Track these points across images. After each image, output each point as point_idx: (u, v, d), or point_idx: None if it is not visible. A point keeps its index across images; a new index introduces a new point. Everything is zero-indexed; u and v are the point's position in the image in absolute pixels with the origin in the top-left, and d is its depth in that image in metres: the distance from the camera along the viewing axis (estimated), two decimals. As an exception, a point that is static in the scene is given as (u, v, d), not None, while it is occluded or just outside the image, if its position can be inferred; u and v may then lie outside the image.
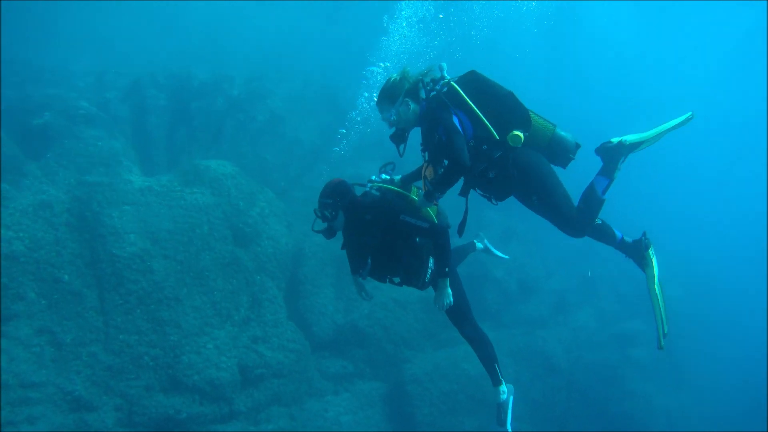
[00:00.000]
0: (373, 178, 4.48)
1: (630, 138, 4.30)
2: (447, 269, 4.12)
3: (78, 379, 7.71)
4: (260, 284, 10.02)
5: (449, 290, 4.16)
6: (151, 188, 9.93)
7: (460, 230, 4.22)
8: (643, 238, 4.42)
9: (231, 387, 8.85)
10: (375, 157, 15.71)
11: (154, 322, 8.50)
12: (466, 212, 4.16)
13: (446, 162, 3.94)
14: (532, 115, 4.11)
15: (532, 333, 13.35)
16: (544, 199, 4.14)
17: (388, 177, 4.48)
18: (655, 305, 4.30)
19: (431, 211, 4.26)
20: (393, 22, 11.62)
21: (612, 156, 4.30)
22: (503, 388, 4.50)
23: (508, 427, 4.48)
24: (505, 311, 13.62)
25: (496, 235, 14.98)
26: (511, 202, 4.38)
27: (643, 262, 4.41)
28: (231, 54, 20.23)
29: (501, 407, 4.52)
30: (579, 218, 4.16)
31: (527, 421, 11.88)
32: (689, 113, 4.39)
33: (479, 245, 5.74)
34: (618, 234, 4.47)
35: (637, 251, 4.42)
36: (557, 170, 4.31)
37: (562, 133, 4.21)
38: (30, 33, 18.33)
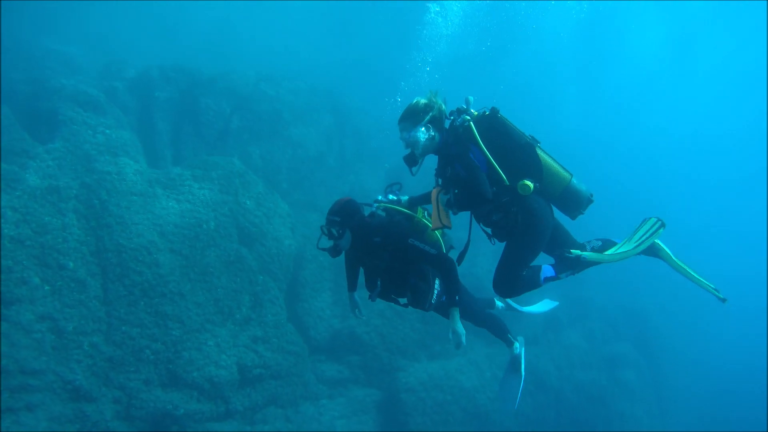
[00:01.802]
0: (380, 198, 4.45)
1: (589, 257, 4.22)
2: (457, 297, 4.09)
3: (78, 368, 7.58)
4: (263, 284, 9.98)
5: (460, 323, 4.09)
6: (160, 180, 9.90)
7: (459, 260, 4.20)
8: None
9: (229, 386, 8.79)
10: (374, 166, 15.80)
11: (157, 315, 8.42)
12: (467, 243, 4.15)
13: (456, 191, 3.96)
14: (550, 161, 4.07)
15: (524, 349, 13.43)
16: (518, 251, 4.13)
17: (395, 198, 4.45)
18: (688, 275, 4.40)
19: (437, 234, 4.27)
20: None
21: (565, 265, 4.35)
22: (516, 344, 4.88)
23: (516, 404, 4.84)
24: (499, 327, 13.66)
25: (488, 255, 15.05)
26: None
27: (651, 249, 4.52)
28: (239, 53, 20.19)
29: (515, 359, 4.94)
30: (516, 287, 4.17)
31: (516, 437, 11.93)
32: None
33: (500, 304, 5.59)
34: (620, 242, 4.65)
35: None
36: (565, 219, 4.33)
37: (578, 185, 4.16)
38: (37, 19, 18.15)
